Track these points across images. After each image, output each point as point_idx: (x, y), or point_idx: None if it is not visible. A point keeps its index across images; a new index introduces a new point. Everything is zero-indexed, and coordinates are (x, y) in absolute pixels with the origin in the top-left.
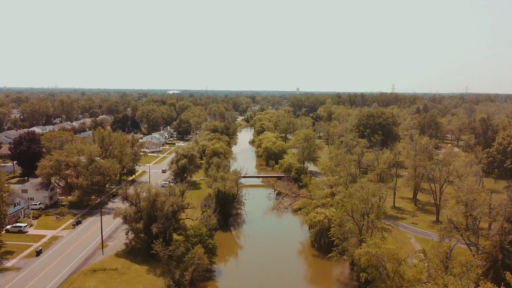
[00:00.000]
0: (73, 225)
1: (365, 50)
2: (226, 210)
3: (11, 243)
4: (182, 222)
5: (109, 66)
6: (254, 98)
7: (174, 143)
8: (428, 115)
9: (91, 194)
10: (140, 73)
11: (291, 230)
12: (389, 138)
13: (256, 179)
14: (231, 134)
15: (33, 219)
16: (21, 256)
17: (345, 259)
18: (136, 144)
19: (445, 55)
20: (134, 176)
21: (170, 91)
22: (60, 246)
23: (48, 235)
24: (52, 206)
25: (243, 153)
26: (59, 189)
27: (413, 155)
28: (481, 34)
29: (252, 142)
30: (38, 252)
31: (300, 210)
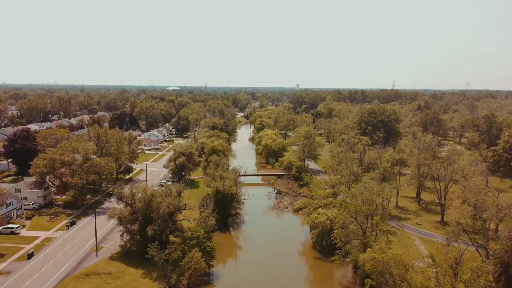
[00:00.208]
0: (67, 226)
1: (365, 46)
2: (225, 210)
3: (2, 245)
4: (179, 223)
5: (109, 63)
6: (253, 94)
7: (173, 140)
8: (430, 112)
9: (87, 194)
10: (139, 69)
11: (292, 231)
12: (391, 135)
13: (255, 178)
14: (231, 131)
15: (26, 220)
16: (11, 259)
17: (347, 262)
18: (133, 141)
19: (445, 51)
20: (131, 174)
21: (169, 88)
22: (52, 248)
23: (41, 237)
24: (46, 206)
25: (243, 150)
26: (54, 188)
27: (416, 153)
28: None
29: (252, 139)
30: (30, 255)
31: (301, 210)
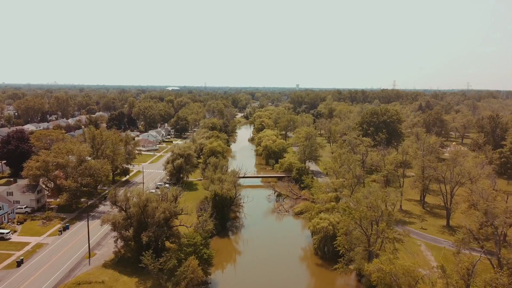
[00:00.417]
0: (59, 230)
1: (365, 46)
2: (224, 214)
3: None
4: (175, 229)
5: (108, 63)
6: (253, 94)
7: (172, 141)
8: (433, 113)
9: (81, 197)
10: (139, 69)
11: (292, 235)
12: (393, 136)
13: (255, 179)
14: (230, 132)
15: (17, 225)
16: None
17: (351, 270)
18: (130, 142)
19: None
20: (128, 176)
21: (169, 88)
22: (44, 255)
23: (32, 243)
24: (39, 210)
25: (242, 151)
26: (48, 191)
27: (421, 155)
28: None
29: (251, 140)
30: (19, 262)
31: (302, 214)
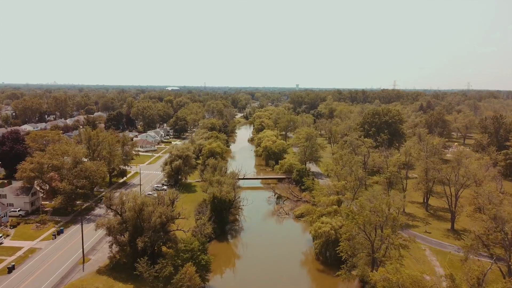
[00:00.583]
0: (53, 235)
1: (365, 46)
2: (223, 217)
3: None
4: (172, 234)
5: (108, 63)
6: (253, 94)
7: (170, 142)
8: (435, 113)
9: (76, 199)
10: (139, 69)
11: (293, 239)
12: (395, 137)
13: (255, 181)
14: (230, 132)
15: (10, 228)
16: None
17: (354, 276)
18: (127, 143)
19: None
20: (125, 178)
21: (169, 88)
22: (36, 260)
23: (24, 247)
24: (33, 213)
25: (242, 151)
26: (43, 193)
27: (424, 157)
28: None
29: (251, 140)
30: (10, 268)
31: (302, 217)
